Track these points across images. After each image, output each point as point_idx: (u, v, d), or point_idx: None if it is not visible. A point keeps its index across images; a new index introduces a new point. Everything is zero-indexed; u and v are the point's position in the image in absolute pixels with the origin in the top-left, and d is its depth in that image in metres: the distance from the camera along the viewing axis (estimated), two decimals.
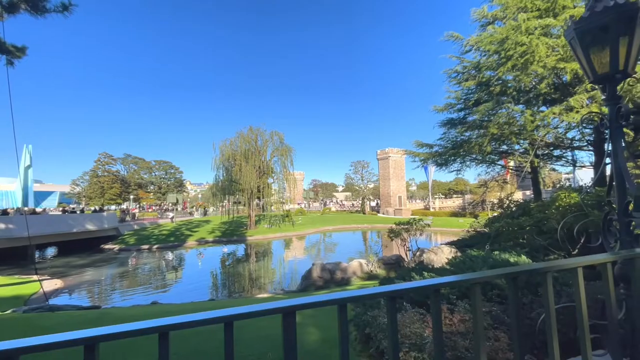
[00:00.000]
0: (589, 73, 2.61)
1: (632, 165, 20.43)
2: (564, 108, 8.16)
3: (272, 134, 39.14)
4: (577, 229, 3.04)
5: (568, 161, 12.41)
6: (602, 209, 3.34)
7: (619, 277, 2.24)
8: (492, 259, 5.79)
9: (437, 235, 34.00)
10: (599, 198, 6.09)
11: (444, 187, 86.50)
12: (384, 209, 56.22)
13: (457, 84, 12.67)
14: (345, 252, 24.65)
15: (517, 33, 8.85)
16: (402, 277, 5.70)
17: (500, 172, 15.84)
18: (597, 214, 4.70)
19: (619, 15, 2.36)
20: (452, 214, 43.62)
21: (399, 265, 13.29)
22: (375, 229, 40.09)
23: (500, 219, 8.94)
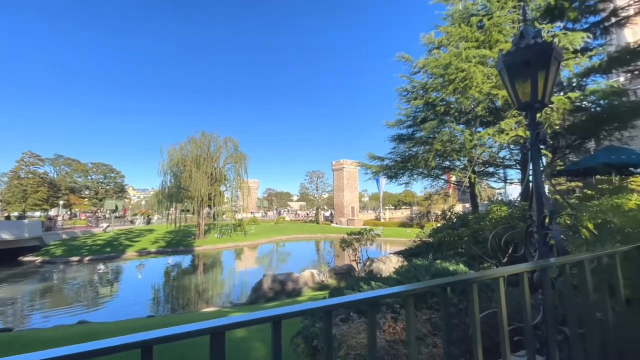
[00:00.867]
0: (514, 101, 2.94)
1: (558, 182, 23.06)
2: (496, 130, 9.10)
3: (227, 140, 37.98)
4: (504, 239, 3.34)
5: (500, 178, 13.81)
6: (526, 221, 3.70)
7: (537, 284, 2.50)
8: (435, 267, 6.15)
9: (386, 245, 35.29)
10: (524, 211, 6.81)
11: (394, 198, 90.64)
12: (338, 219, 57.17)
13: (407, 102, 13.48)
14: (298, 262, 24.49)
15: (458, 60, 9.73)
16: (351, 287, 5.79)
17: (444, 186, 17.08)
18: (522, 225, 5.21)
19: (537, 52, 2.71)
20: (400, 225, 45.78)
21: (349, 275, 13.53)
22: (328, 239, 40.49)
23: (442, 230, 9.55)
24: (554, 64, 2.73)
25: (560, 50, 2.80)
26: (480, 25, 10.53)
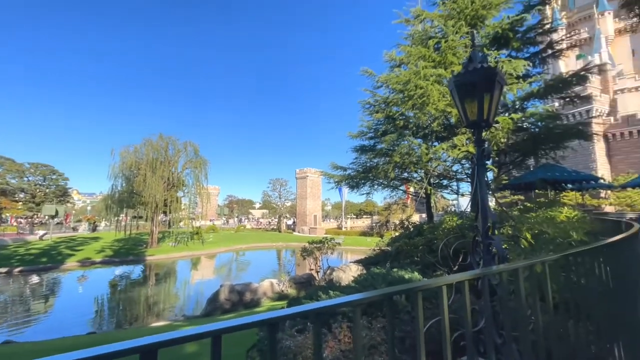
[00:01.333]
0: (464, 118, 3.16)
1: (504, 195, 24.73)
2: (450, 145, 9.71)
3: (186, 144, 36.43)
4: (452, 248, 3.50)
5: (453, 190, 14.69)
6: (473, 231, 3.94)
7: (481, 291, 2.66)
8: (391, 276, 6.32)
9: (347, 254, 35.71)
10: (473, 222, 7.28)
11: (356, 207, 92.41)
12: (300, 227, 56.93)
13: (369, 114, 13.93)
14: (257, 272, 23.89)
15: (417, 78, 10.29)
16: (309, 297, 5.75)
17: (402, 196, 17.77)
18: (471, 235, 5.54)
19: (483, 75, 2.94)
20: (361, 233, 46.69)
21: (310, 284, 13.45)
22: (290, 248, 40.08)
23: (399, 239, 9.89)
24: (498, 87, 2.98)
25: (503, 75, 3.07)
26: (437, 47, 11.26)
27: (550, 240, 4.39)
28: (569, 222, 4.88)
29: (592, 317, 2.46)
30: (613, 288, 2.76)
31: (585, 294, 2.44)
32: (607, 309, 2.65)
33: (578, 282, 2.42)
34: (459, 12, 11.03)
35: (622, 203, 28.13)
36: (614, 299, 2.78)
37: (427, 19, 12.33)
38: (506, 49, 11.25)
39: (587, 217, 5.68)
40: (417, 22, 12.73)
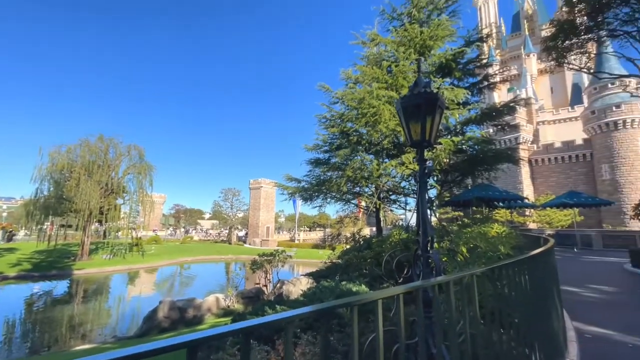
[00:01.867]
0: (408, 138, 3.35)
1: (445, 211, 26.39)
2: (398, 162, 10.25)
3: (130, 147, 33.73)
4: (395, 261, 3.62)
5: (401, 205, 15.44)
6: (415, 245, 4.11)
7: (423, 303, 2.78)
8: (339, 289, 6.37)
9: (299, 266, 35.37)
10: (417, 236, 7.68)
11: (309, 220, 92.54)
12: (251, 239, 55.31)
13: (325, 128, 14.19)
14: (203, 286, 22.57)
15: (370, 97, 10.80)
16: (255, 312, 5.54)
17: (354, 210, 18.21)
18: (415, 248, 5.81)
19: (426, 99, 3.17)
20: (314, 246, 46.71)
21: (258, 298, 13.01)
22: (240, 260, 38.60)
23: (349, 252, 10.06)
24: (438, 111, 3.22)
25: (443, 100, 3.33)
26: (389, 70, 11.97)
27: (483, 254, 4.77)
28: (498, 237, 5.37)
29: (514, 324, 2.70)
30: (532, 297, 3.07)
31: (510, 303, 2.67)
32: (527, 316, 2.93)
33: (504, 292, 2.65)
34: (409, 40, 11.88)
35: (542, 220, 31.84)
36: (533, 306, 3.09)
37: (381, 43, 13.09)
38: (449, 77, 12.31)
39: (513, 233, 6.31)
40: (373, 45, 13.45)
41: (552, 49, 15.38)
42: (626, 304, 7.09)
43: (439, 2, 12.74)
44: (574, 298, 7.20)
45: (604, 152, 35.16)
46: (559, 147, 39.50)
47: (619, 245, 18.52)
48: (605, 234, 21.33)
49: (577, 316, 5.69)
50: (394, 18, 13.51)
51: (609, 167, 34.54)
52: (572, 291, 7.81)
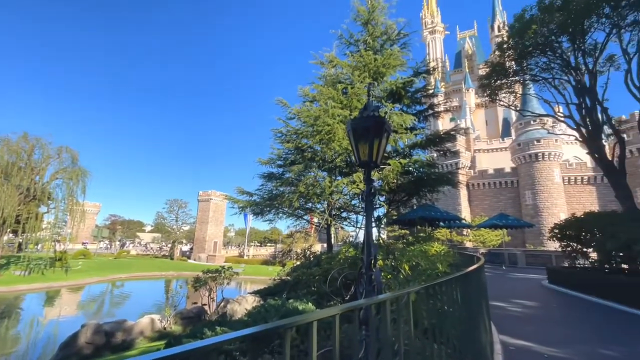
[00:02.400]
0: (357, 158, 3.47)
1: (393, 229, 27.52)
2: (349, 180, 10.54)
3: (61, 149, 30.25)
4: (340, 279, 3.63)
5: (351, 222, 15.79)
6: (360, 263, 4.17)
7: (362, 321, 2.80)
8: (285, 307, 6.20)
9: (247, 284, 34.03)
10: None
11: (260, 235, 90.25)
12: (197, 254, 52.13)
13: (280, 143, 14.17)
14: (138, 307, 20.59)
15: (326, 115, 11.09)
16: (193, 335, 5.15)
17: (306, 225, 18.19)
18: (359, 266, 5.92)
19: (374, 123, 3.32)
20: (264, 262, 45.40)
21: (199, 319, 12.15)
22: (182, 277, 35.99)
23: (298, 269, 9.93)
24: (385, 135, 3.40)
25: (390, 125, 3.53)
26: (345, 92, 12.44)
27: (423, 272, 5.02)
28: (437, 256, 5.71)
29: (450, 338, 2.84)
30: (465, 312, 3.28)
31: (446, 319, 2.82)
32: (461, 331, 3.11)
33: (441, 308, 2.78)
34: (364, 65, 12.55)
35: (477, 240, 34.73)
36: (466, 321, 3.29)
37: (338, 65, 13.64)
38: (399, 103, 13.15)
39: (450, 252, 6.76)
40: (330, 67, 13.94)
41: (486, 86, 17.33)
42: (544, 317, 7.90)
43: (392, 34, 13.73)
44: (501, 312, 7.85)
45: (527, 180, 39.88)
46: (492, 174, 43.97)
47: (539, 263, 20.82)
48: (527, 253, 23.87)
49: (504, 330, 6.19)
50: (351, 43, 14.22)
51: (531, 193, 39.18)
52: (500, 306, 8.52)
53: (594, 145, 13.48)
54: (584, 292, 10.39)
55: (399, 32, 13.80)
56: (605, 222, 10.77)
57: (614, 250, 10.33)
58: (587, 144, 13.89)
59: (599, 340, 6.00)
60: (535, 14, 13.74)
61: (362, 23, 13.81)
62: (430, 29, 76.34)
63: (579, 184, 39.58)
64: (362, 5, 13.63)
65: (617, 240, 9.58)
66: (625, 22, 12.24)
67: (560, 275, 12.55)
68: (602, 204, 35.12)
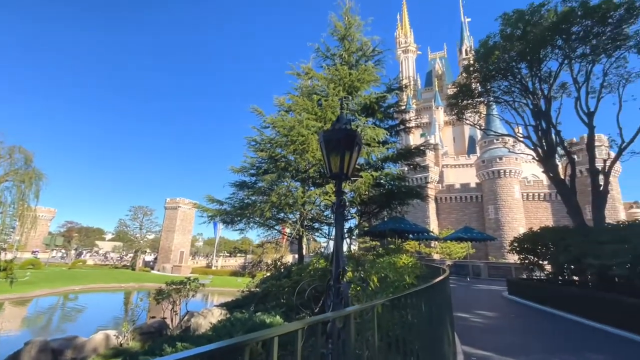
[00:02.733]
0: (328, 169, 3.49)
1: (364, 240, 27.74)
2: (322, 191, 10.58)
3: (13, 149, 27.84)
4: (309, 291, 3.59)
5: (323, 234, 15.77)
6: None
7: (329, 334, 2.78)
8: (253, 321, 6.02)
9: (214, 296, 32.79)
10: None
11: (230, 245, 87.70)
12: (161, 265, 49.61)
13: (254, 151, 13.99)
14: (93, 321, 19.19)
15: (300, 126, 11.14)
16: (152, 352, 4.84)
17: (277, 236, 17.92)
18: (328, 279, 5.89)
19: (346, 135, 3.38)
20: (233, 273, 44.03)
21: (160, 334, 11.47)
22: (143, 289, 33.95)
23: (268, 280, 9.72)
24: (356, 148, 3.46)
25: (361, 138, 3.60)
26: (319, 103, 12.60)
27: (391, 284, 5.09)
28: (405, 268, 5.82)
29: (414, 350, 2.87)
30: (430, 324, 3.35)
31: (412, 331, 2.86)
32: (426, 342, 3.16)
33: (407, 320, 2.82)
34: (339, 79, 12.82)
35: (444, 252, 35.91)
36: (431, 333, 3.36)
37: (314, 77, 13.83)
38: (372, 117, 13.51)
39: (418, 264, 6.92)
40: (306, 78, 14.10)
41: (454, 105, 18.27)
42: (504, 327, 8.25)
43: (367, 51, 14.18)
44: (465, 323, 8.10)
45: (490, 195, 42.09)
46: (458, 189, 45.98)
47: (500, 275, 21.83)
48: (490, 265, 25.00)
49: (466, 340, 6.38)
50: (327, 57, 14.51)
51: (494, 208, 41.34)
52: (464, 317, 8.80)
53: (548, 164, 14.53)
54: (540, 302, 10.99)
55: (373, 49, 14.28)
56: (558, 237, 11.54)
57: (566, 263, 11.07)
58: (543, 163, 14.95)
59: (552, 349, 6.35)
60: (498, 41, 14.80)
61: (339, 38, 14.17)
62: (403, 48, 79.78)
63: (536, 200, 42.35)
64: (340, 21, 14.01)
65: (569, 253, 10.28)
66: (575, 54, 13.48)
67: (518, 286, 13.21)
68: (556, 219, 37.74)
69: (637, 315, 7.34)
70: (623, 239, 8.88)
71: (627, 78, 13.54)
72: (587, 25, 12.60)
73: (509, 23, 14.29)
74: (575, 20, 12.64)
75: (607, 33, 12.53)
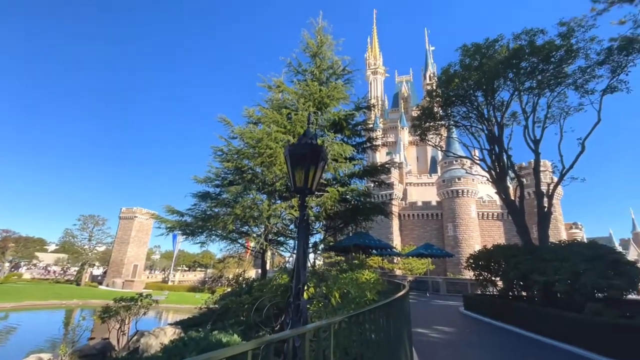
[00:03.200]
0: (292, 183, 3.47)
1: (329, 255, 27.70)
2: (288, 205, 10.48)
3: None
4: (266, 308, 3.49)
5: (288, 248, 15.54)
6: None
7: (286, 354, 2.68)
8: (208, 340, 5.69)
9: (169, 313, 30.83)
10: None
11: (190, 258, 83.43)
12: (111, 279, 45.88)
13: (220, 161, 13.63)
14: (26, 343, 17.16)
15: (269, 139, 11.07)
16: None
17: (241, 250, 17.36)
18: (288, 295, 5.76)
19: (311, 150, 3.40)
20: (191, 289, 41.75)
21: (104, 356, 10.45)
22: (88, 306, 31.09)
23: (228, 296, 9.32)
24: (321, 163, 3.48)
25: (326, 153, 3.64)
26: (289, 117, 12.67)
27: (353, 300, 5.08)
28: (367, 284, 5.87)
29: None
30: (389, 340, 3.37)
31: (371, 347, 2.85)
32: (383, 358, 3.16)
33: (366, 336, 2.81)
34: (310, 94, 13.02)
35: (406, 268, 36.80)
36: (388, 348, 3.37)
37: (285, 91, 13.93)
38: (341, 134, 13.80)
39: (380, 279, 7.01)
40: (277, 91, 14.16)
41: (417, 127, 19.22)
42: (459, 343, 8.52)
43: (338, 69, 14.61)
44: (423, 339, 8.27)
45: (449, 213, 44.22)
46: (420, 206, 47.84)
47: (457, 291, 22.72)
48: (448, 281, 25.97)
49: (424, 355, 6.49)
50: (299, 72, 14.72)
51: (452, 225, 43.40)
52: (422, 332, 8.98)
53: (501, 186, 15.63)
54: (493, 317, 11.54)
55: (344, 68, 14.74)
56: (509, 254, 12.32)
57: (515, 279, 11.80)
58: (496, 185, 16.05)
59: None
60: (458, 70, 15.95)
61: (311, 55, 14.48)
62: (372, 69, 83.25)
63: (490, 219, 45.14)
64: (312, 39, 14.36)
65: (518, 270, 10.98)
66: (523, 87, 14.86)
67: (474, 302, 13.81)
68: (508, 237, 40.37)
69: (577, 329, 7.94)
70: (564, 257, 9.68)
71: (567, 111, 15.12)
72: (534, 62, 14.00)
73: (467, 54, 15.51)
74: (523, 57, 14.00)
75: (550, 70, 13.98)
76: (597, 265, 8.92)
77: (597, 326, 7.49)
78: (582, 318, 8.04)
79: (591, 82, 13.91)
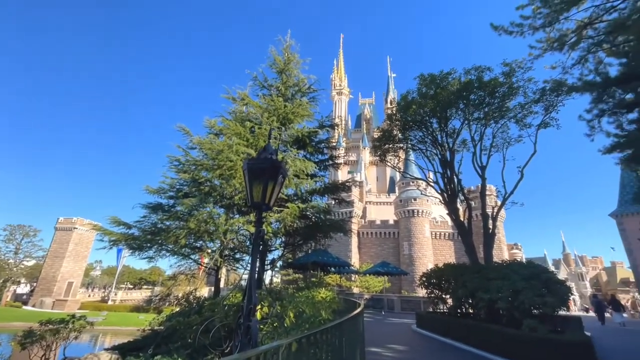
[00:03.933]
0: (249, 198, 3.39)
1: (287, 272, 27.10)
2: (247, 220, 10.18)
3: None
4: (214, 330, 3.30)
5: (245, 265, 14.96)
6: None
7: None
8: None
9: (107, 336, 27.88)
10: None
11: (136, 275, 77.01)
12: (39, 298, 40.65)
13: (176, 172, 12.96)
14: None
15: (230, 151, 10.80)
16: None
17: (192, 266, 16.39)
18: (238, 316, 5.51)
19: (271, 165, 3.37)
20: (135, 309, 38.32)
21: None
22: (8, 330, 27.11)
23: (175, 317, 8.68)
24: (280, 179, 3.46)
25: (286, 169, 3.63)
26: (252, 130, 12.52)
27: (307, 319, 4.98)
28: (322, 302, 5.80)
29: None
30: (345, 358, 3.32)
31: None
32: None
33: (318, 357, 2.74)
34: (274, 109, 13.03)
35: (363, 286, 37.18)
36: None
37: (250, 104, 13.81)
38: (304, 150, 13.89)
39: (336, 298, 6.98)
40: (242, 104, 14.00)
41: (378, 148, 20.01)
42: None
43: (303, 87, 14.87)
44: (376, 358, 8.29)
45: (405, 232, 45.93)
46: (379, 224, 49.17)
47: (411, 308, 23.33)
48: (403, 299, 26.62)
49: None
50: (264, 86, 14.75)
51: (408, 244, 45.03)
52: (375, 351, 9.01)
53: (451, 207, 16.64)
54: (443, 335, 11.94)
55: (309, 87, 15.04)
56: (458, 273, 12.98)
57: (463, 297, 12.40)
58: (447, 206, 17.06)
59: None
60: (415, 97, 17.06)
61: (277, 71, 14.62)
62: (338, 90, 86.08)
63: (443, 238, 47.58)
64: (279, 56, 14.54)
65: (465, 288, 11.58)
66: (472, 117, 16.25)
67: (425, 319, 14.24)
68: (458, 257, 42.71)
69: (516, 344, 8.47)
70: (505, 276, 10.41)
71: (509, 142, 16.73)
72: (481, 95, 15.43)
73: (424, 83, 16.69)
74: (473, 90, 15.39)
75: (495, 104, 15.48)
76: (533, 284, 9.70)
77: (532, 341, 8.06)
78: (520, 334, 8.61)
79: (529, 117, 15.64)
